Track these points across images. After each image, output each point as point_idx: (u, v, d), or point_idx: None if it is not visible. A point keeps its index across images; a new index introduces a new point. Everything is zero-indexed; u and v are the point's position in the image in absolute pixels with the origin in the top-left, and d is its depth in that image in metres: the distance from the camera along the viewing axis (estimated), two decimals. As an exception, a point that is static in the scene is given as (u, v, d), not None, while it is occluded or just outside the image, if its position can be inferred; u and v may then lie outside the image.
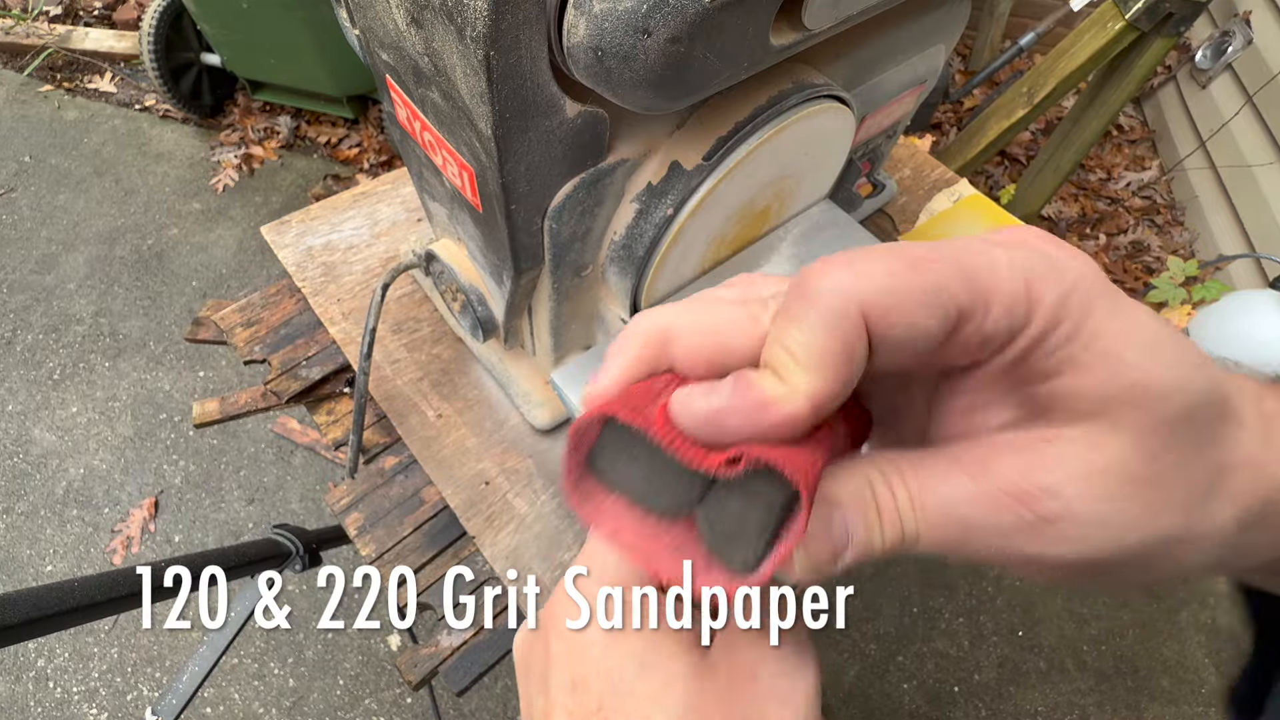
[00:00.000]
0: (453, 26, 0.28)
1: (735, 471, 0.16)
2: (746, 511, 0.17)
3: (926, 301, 0.15)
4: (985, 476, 0.16)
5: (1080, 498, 0.15)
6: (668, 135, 0.41)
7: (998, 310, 0.15)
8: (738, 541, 0.18)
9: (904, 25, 0.49)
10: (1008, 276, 0.15)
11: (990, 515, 0.16)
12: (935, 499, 0.16)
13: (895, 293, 0.15)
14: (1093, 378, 0.15)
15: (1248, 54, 1.74)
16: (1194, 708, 1.33)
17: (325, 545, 0.80)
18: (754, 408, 0.15)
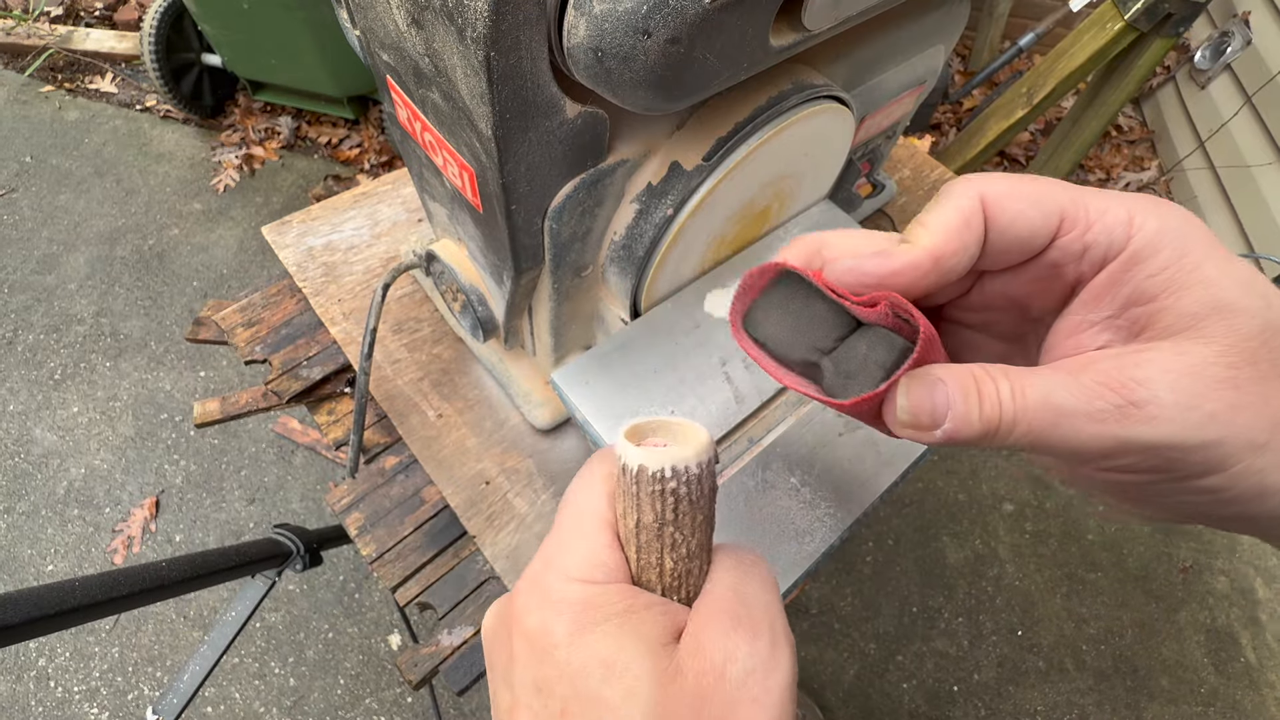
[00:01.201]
0: (453, 27, 0.28)
1: (873, 312, 0.21)
2: (871, 353, 0.21)
3: (1035, 200, 0.19)
4: (1084, 373, 0.18)
5: (1167, 387, 0.17)
6: (668, 136, 0.41)
7: (1099, 227, 0.18)
8: (856, 379, 0.21)
9: (903, 26, 0.49)
10: (1113, 206, 0.19)
11: (1085, 401, 0.18)
12: (1036, 389, 0.18)
13: (1012, 190, 0.19)
14: (1189, 298, 0.18)
15: (1247, 54, 1.74)
16: (1193, 707, 1.33)
17: (326, 545, 0.80)
18: (886, 256, 0.20)
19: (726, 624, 0.20)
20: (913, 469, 0.46)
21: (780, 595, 0.22)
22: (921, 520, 1.50)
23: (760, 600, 0.21)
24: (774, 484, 0.45)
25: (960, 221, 0.19)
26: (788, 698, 0.20)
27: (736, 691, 0.19)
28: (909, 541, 1.47)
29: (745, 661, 0.20)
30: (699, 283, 0.50)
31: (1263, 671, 1.38)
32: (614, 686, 0.19)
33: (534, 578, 0.22)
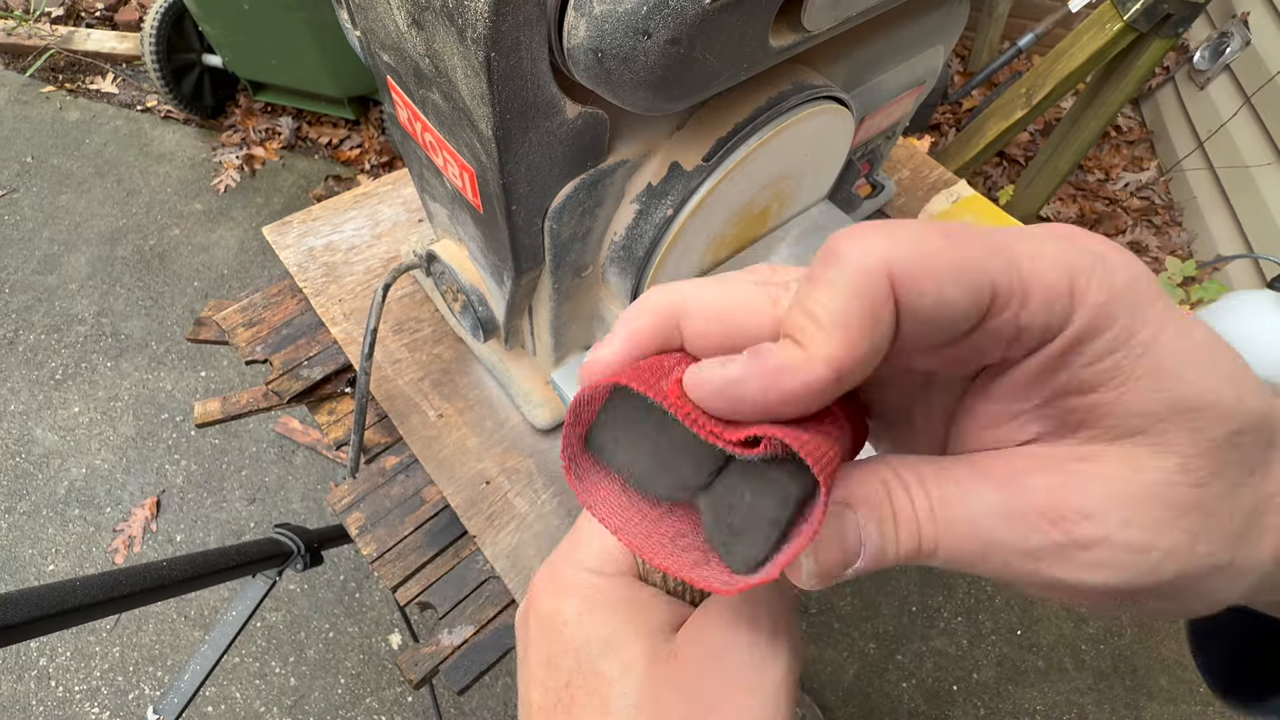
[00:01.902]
0: (453, 28, 0.29)
1: (753, 453, 0.15)
2: (758, 502, 0.16)
3: (959, 275, 0.13)
4: (1014, 492, 0.15)
5: (1119, 523, 0.14)
6: (668, 136, 0.41)
7: (1036, 301, 0.14)
8: (743, 536, 0.16)
9: (903, 26, 0.49)
10: (1051, 266, 0.14)
11: (1018, 534, 0.15)
12: (959, 511, 0.15)
13: (927, 260, 0.13)
14: (1140, 393, 0.14)
15: (1246, 55, 1.74)
16: (1192, 706, 1.33)
17: (326, 544, 0.81)
18: (772, 374, 0.14)
19: (729, 617, 0.20)
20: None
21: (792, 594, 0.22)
22: (921, 520, 1.50)
23: (766, 596, 0.21)
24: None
25: (867, 317, 0.13)
26: (784, 692, 0.19)
27: (731, 677, 0.19)
28: (909, 541, 1.47)
29: (743, 652, 0.19)
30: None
31: (1262, 671, 1.38)
32: (611, 661, 0.20)
33: (551, 567, 0.23)
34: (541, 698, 0.21)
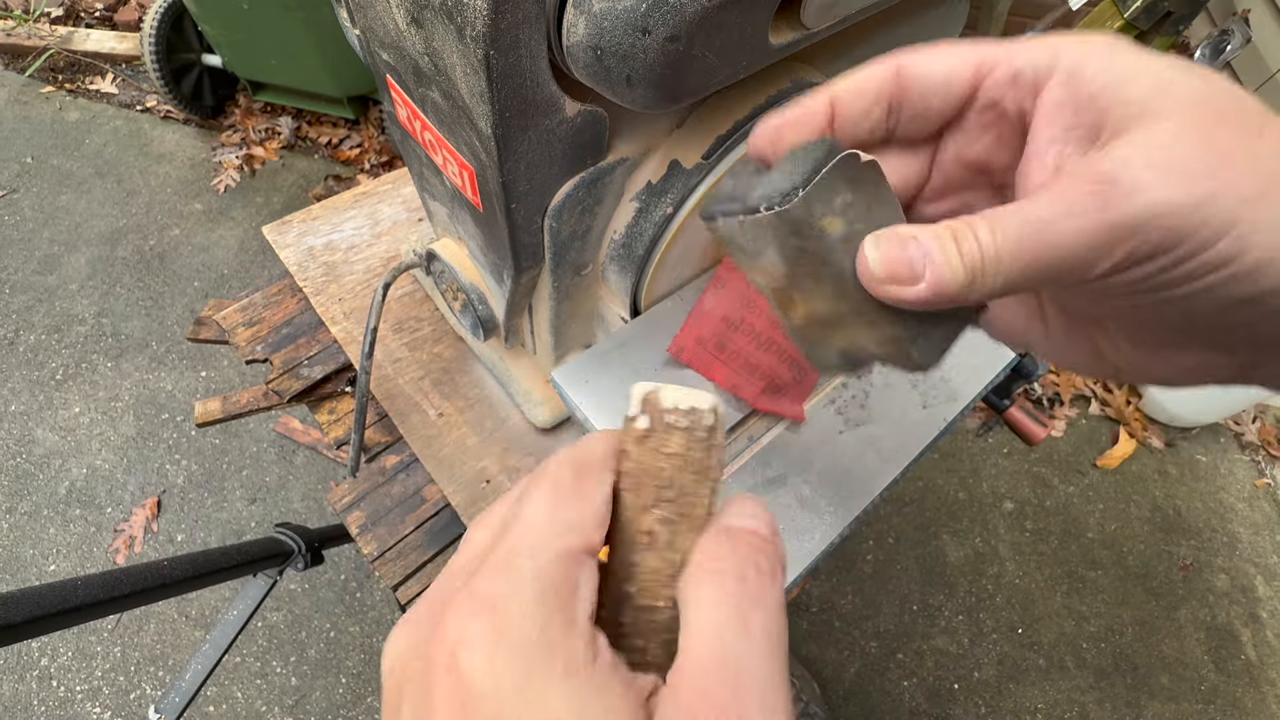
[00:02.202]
0: (452, 26, 0.29)
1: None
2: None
3: (946, 50, 0.21)
4: (1056, 184, 0.18)
5: (1142, 162, 0.16)
6: (667, 134, 0.41)
7: (1022, 57, 0.19)
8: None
9: (903, 24, 0.49)
10: (1031, 42, 0.19)
11: (1063, 203, 0.17)
12: (1011, 217, 0.18)
13: (924, 50, 0.21)
14: (1131, 88, 0.17)
15: (1246, 53, 1.74)
16: (1193, 705, 1.33)
17: (327, 544, 0.81)
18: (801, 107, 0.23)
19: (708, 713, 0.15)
20: (913, 467, 0.47)
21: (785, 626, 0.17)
22: (922, 518, 1.50)
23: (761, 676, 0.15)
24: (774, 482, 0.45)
25: (863, 74, 0.21)
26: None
27: None
28: (909, 540, 1.47)
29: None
30: (699, 281, 0.51)
31: (1263, 669, 1.38)
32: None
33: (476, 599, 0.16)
34: None
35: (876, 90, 0.21)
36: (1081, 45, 0.18)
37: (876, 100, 0.21)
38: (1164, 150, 0.16)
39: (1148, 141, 0.17)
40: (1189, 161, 0.16)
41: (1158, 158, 0.16)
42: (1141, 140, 0.17)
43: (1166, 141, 0.17)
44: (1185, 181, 0.16)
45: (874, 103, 0.21)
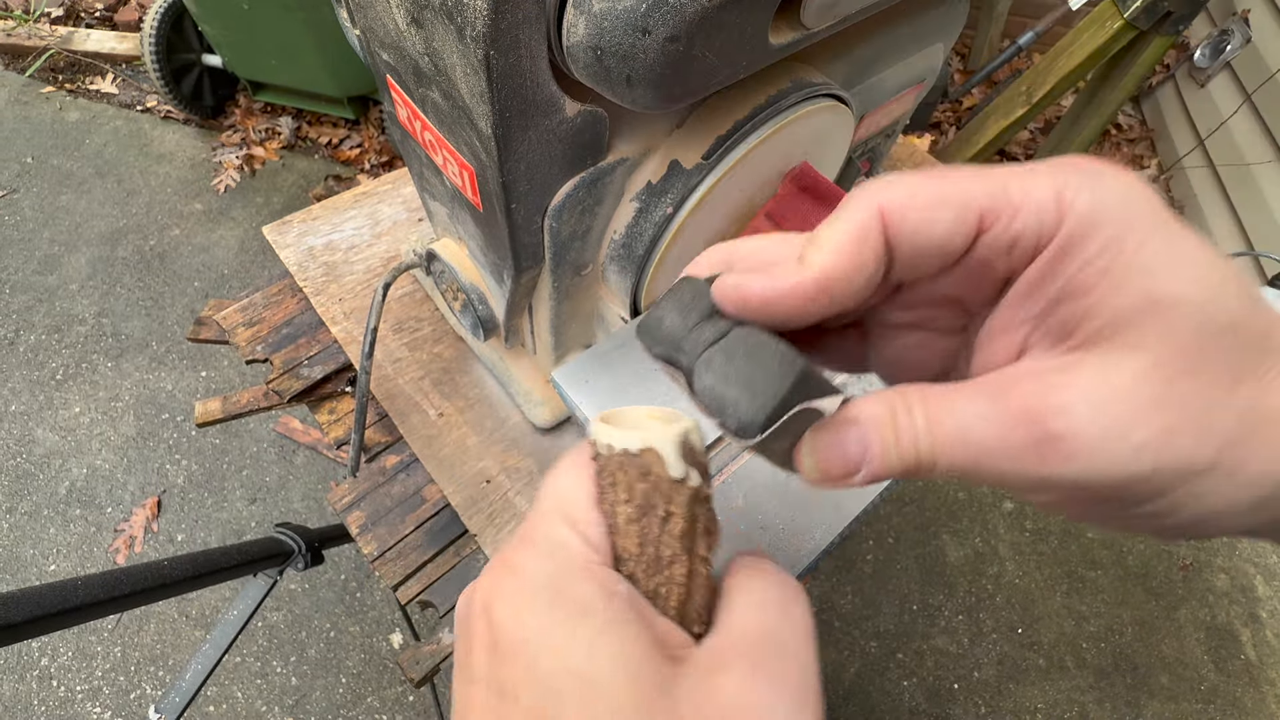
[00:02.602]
0: (452, 26, 0.29)
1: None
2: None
3: (944, 201, 0.16)
4: (1002, 400, 0.16)
5: (1089, 417, 0.15)
6: (667, 134, 0.41)
7: (1026, 213, 0.15)
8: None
9: (903, 24, 0.49)
10: (1040, 185, 0.15)
11: (1002, 436, 0.16)
12: (952, 420, 0.17)
13: (913, 194, 0.16)
14: (1116, 293, 0.15)
15: (1246, 53, 1.74)
16: (1193, 704, 1.33)
17: (327, 544, 0.81)
18: (772, 275, 0.18)
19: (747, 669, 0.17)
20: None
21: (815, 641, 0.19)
22: (922, 518, 1.50)
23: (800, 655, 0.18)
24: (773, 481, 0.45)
25: (854, 239, 0.17)
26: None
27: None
28: (909, 539, 1.47)
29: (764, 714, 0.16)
30: (699, 281, 0.51)
31: (1263, 669, 1.38)
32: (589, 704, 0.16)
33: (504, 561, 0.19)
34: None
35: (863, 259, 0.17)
36: (1091, 207, 0.15)
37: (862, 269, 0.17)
38: (1118, 405, 0.15)
39: (1105, 386, 0.15)
40: (1139, 428, 0.15)
41: (1109, 415, 0.15)
42: (1099, 382, 0.15)
43: (1126, 389, 0.15)
44: (1127, 458, 0.15)
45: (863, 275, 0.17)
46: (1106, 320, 0.15)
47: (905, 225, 0.17)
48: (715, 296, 0.19)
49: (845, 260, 0.17)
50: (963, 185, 0.16)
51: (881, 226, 0.17)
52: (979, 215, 0.16)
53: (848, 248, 0.17)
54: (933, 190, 0.16)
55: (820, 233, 0.17)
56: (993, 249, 0.17)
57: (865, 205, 0.17)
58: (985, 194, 0.16)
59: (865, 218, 0.17)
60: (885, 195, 0.17)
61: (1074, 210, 0.15)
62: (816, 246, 0.17)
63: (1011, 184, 0.16)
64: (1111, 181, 0.15)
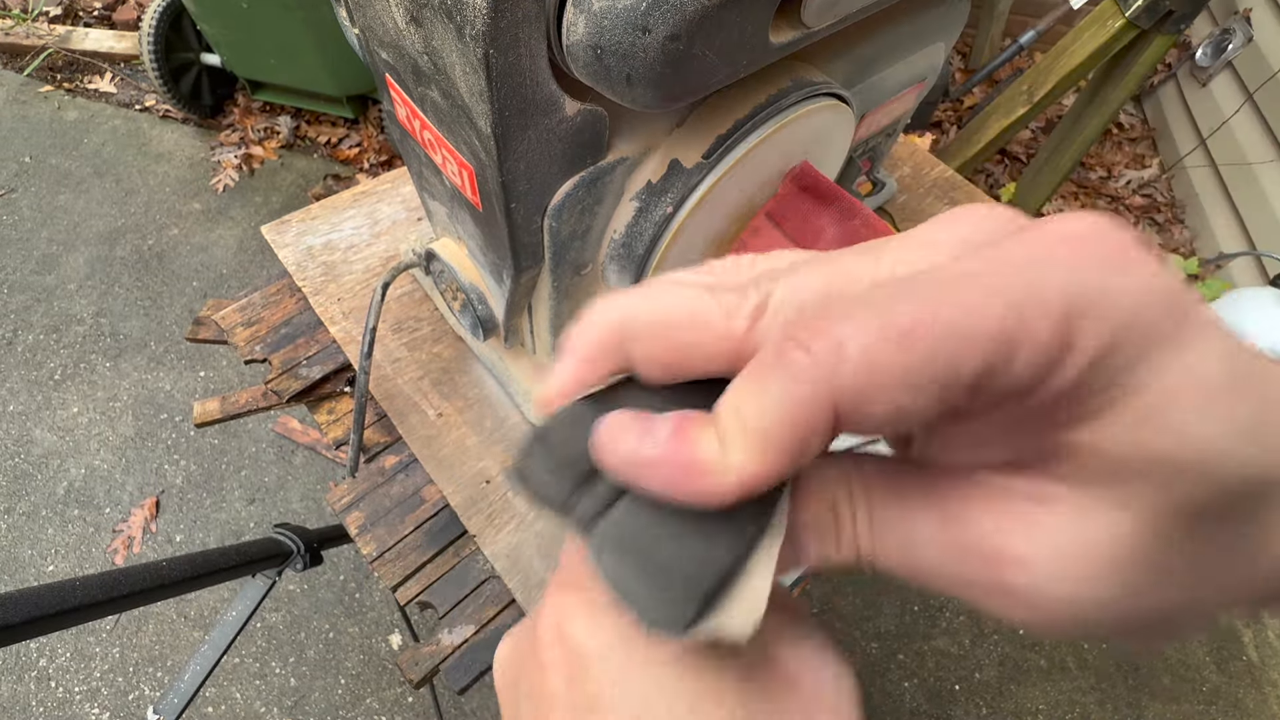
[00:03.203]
0: (452, 25, 0.28)
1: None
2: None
3: (919, 382, 0.12)
4: (957, 525, 0.14)
5: (1052, 578, 0.13)
6: (667, 133, 0.41)
7: (1021, 362, 0.12)
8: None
9: (903, 23, 0.49)
10: (1039, 315, 0.12)
11: (952, 567, 0.14)
12: (896, 537, 0.15)
13: (877, 375, 0.12)
14: (1117, 439, 0.12)
15: (1248, 52, 1.74)
16: (1195, 706, 1.33)
17: (326, 544, 0.80)
18: (680, 470, 0.14)
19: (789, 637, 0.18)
20: (914, 467, 0.46)
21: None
22: (922, 519, 1.50)
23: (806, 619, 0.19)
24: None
25: (792, 443, 0.13)
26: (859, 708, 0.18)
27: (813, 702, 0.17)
28: (910, 540, 1.47)
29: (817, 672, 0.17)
30: (699, 281, 0.50)
31: (1265, 670, 1.38)
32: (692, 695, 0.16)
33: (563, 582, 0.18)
34: None
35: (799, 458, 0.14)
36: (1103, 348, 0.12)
37: (794, 467, 0.14)
38: (1087, 566, 0.13)
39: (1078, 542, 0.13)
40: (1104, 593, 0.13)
41: (1074, 577, 0.13)
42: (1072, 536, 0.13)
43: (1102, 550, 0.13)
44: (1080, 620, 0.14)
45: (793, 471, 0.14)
46: (1093, 465, 0.13)
47: (863, 416, 0.13)
48: (598, 459, 0.15)
49: (775, 463, 0.13)
50: (946, 348, 0.12)
51: (831, 419, 0.13)
52: (968, 386, 0.12)
53: (782, 447, 0.13)
54: (903, 363, 0.12)
55: (748, 409, 0.13)
56: (974, 406, 0.13)
57: (812, 389, 0.12)
58: (978, 356, 0.12)
59: (810, 410, 0.13)
60: (838, 377, 0.12)
61: (1079, 348, 0.12)
62: (742, 435, 0.13)
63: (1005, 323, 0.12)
64: (1134, 288, 0.12)
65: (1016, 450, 0.14)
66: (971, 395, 0.12)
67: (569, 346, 0.16)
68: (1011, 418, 0.14)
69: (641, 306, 0.15)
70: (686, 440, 0.14)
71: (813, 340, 0.13)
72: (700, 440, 0.14)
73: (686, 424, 0.14)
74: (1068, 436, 0.13)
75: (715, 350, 0.15)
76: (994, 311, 0.12)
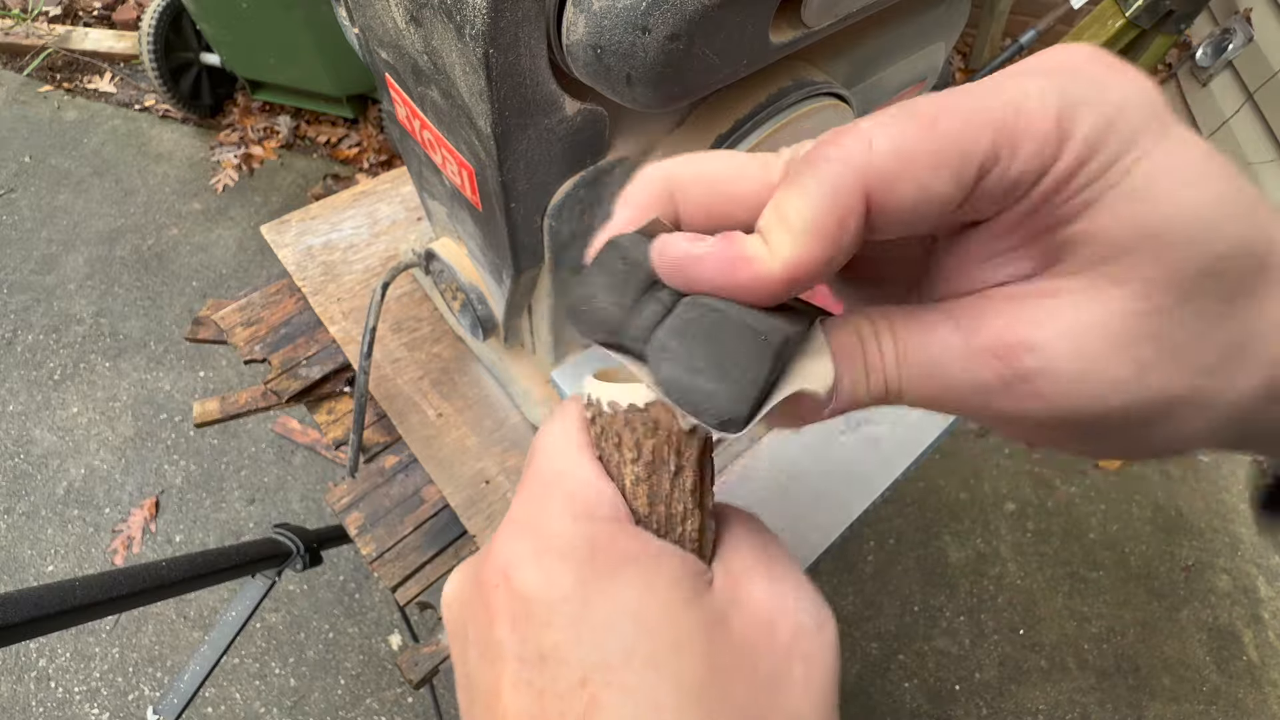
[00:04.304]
0: (451, 24, 0.28)
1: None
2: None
3: (939, 162, 0.13)
4: (972, 330, 0.15)
5: (1062, 354, 0.14)
6: (667, 133, 0.41)
7: (1025, 151, 0.13)
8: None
9: (904, 23, 0.49)
10: (1038, 111, 0.13)
11: (970, 372, 0.15)
12: (921, 354, 0.16)
13: (904, 157, 0.14)
14: (1110, 219, 0.13)
15: (1248, 52, 1.74)
16: (1195, 705, 1.33)
17: (326, 545, 0.80)
18: (728, 262, 0.15)
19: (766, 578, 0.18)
20: (913, 467, 0.46)
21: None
22: (923, 519, 1.49)
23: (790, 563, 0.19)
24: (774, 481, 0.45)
25: (832, 225, 0.14)
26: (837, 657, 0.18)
27: (789, 647, 0.17)
28: (910, 540, 1.47)
29: (795, 615, 0.18)
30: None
31: (1265, 670, 1.38)
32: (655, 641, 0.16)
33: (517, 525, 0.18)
34: (529, 705, 0.16)
35: (840, 245, 0.15)
36: (1095, 132, 0.13)
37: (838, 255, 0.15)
38: (1095, 340, 0.14)
39: (1084, 320, 0.14)
40: (1115, 364, 0.14)
41: (1085, 352, 0.14)
42: (1078, 316, 0.14)
43: (1104, 323, 0.14)
44: (1099, 395, 0.14)
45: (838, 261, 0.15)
46: (1092, 249, 0.14)
47: (893, 199, 0.14)
48: (655, 266, 0.16)
49: (819, 249, 0.14)
50: (959, 131, 0.13)
51: (865, 204, 0.14)
52: (979, 167, 0.14)
53: (823, 233, 0.14)
54: (926, 147, 0.14)
55: (788, 206, 0.14)
56: (986, 197, 0.14)
57: (845, 176, 0.14)
58: (983, 139, 0.13)
59: (846, 195, 0.14)
60: (866, 158, 0.14)
61: (1075, 136, 0.13)
62: (785, 228, 0.14)
63: (1006, 117, 0.13)
64: (1118, 89, 0.13)
65: (1022, 260, 0.15)
66: (979, 180, 0.14)
67: (623, 199, 0.18)
68: (1016, 224, 0.15)
69: (689, 164, 0.17)
70: (733, 241, 0.15)
71: (844, 136, 0.14)
72: (745, 241, 0.15)
73: (730, 233, 0.16)
74: (1069, 230, 0.14)
75: (755, 199, 0.16)
76: (998, 106, 0.13)
